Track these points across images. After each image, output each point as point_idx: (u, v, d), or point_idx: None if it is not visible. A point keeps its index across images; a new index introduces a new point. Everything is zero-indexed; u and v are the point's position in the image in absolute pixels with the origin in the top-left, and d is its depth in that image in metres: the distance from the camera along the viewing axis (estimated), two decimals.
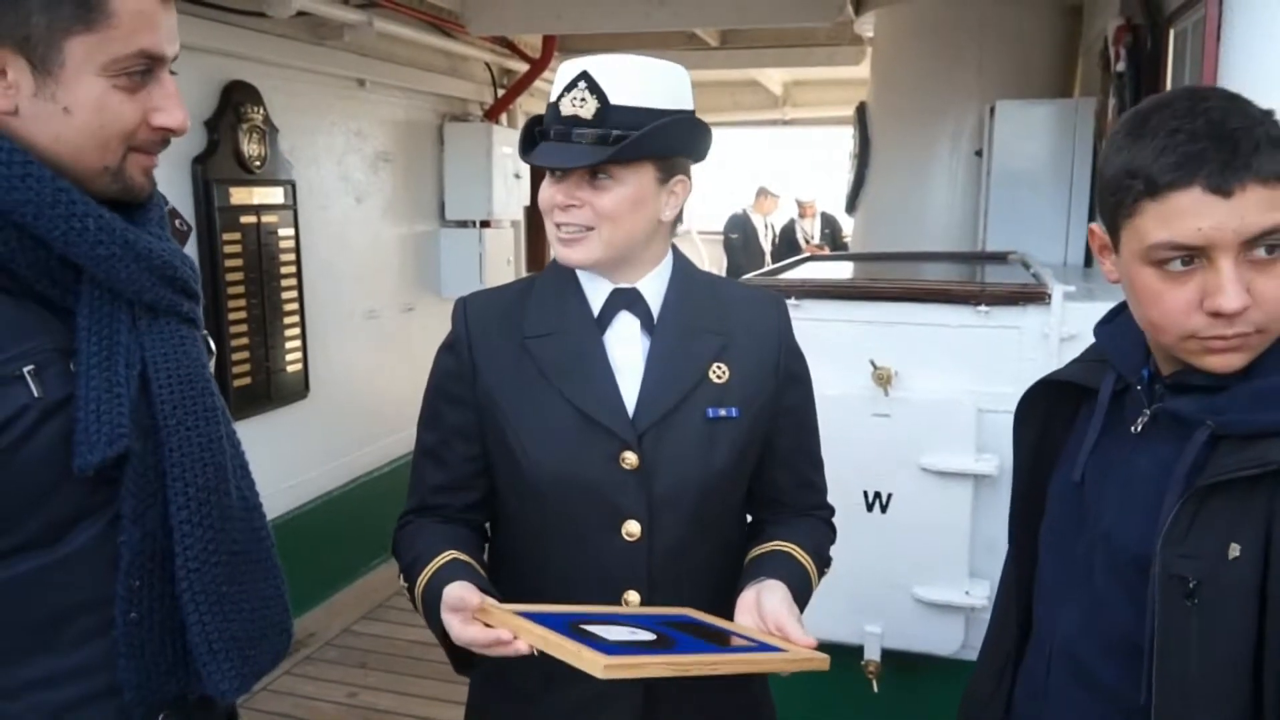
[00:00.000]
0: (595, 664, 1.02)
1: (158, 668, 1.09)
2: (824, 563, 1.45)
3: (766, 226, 8.58)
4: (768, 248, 8.48)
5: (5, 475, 0.97)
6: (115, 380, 1.02)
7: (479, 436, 1.38)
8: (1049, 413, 1.24)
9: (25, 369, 0.98)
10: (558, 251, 1.33)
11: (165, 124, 1.05)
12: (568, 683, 1.31)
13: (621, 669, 1.03)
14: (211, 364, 1.23)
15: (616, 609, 1.27)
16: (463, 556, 1.31)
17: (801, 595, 1.32)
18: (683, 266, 1.41)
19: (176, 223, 1.01)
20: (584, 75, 1.26)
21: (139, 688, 1.07)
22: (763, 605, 1.25)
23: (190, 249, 3.64)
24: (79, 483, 1.00)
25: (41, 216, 0.97)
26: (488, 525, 1.47)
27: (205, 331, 1.22)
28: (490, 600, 1.18)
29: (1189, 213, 0.95)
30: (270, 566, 1.18)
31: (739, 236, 8.48)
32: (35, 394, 0.98)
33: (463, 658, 1.30)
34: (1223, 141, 0.94)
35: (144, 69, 1.02)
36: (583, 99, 1.26)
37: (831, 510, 1.51)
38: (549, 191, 1.32)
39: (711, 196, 9.00)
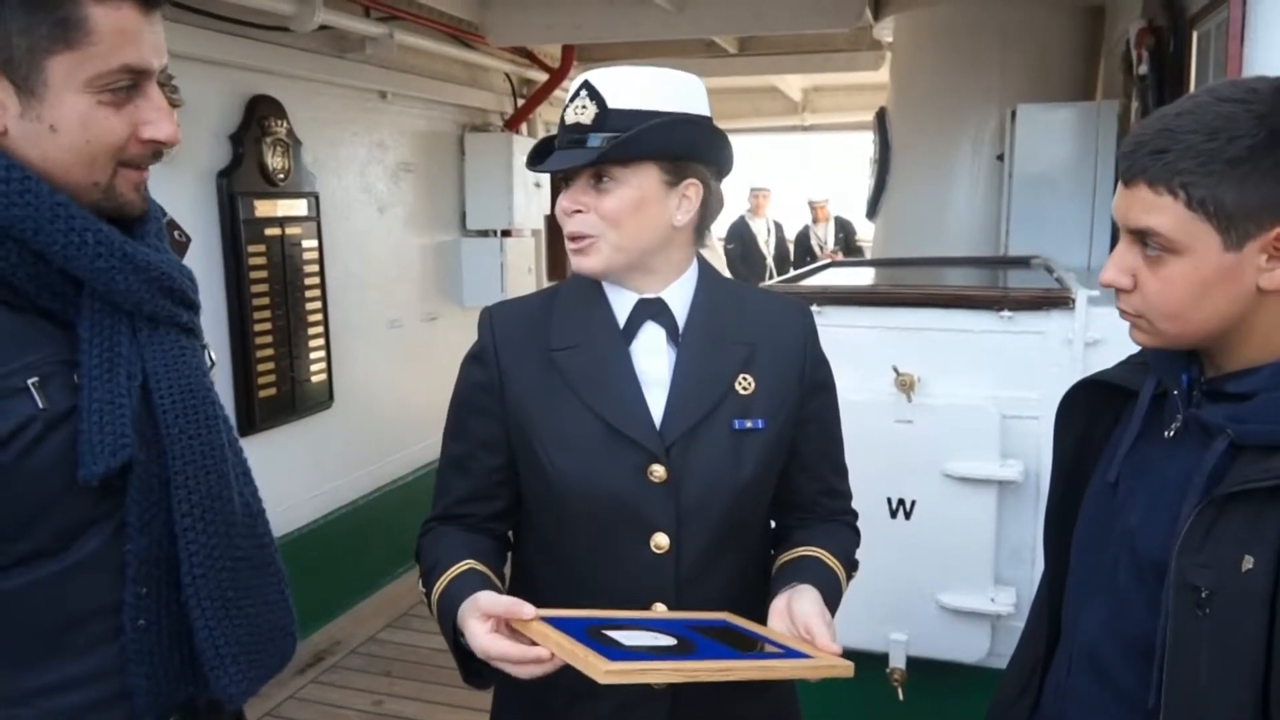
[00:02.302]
0: (597, 669, 1.02)
1: (167, 673, 1.10)
2: (852, 566, 1.45)
3: (768, 230, 8.47)
4: (769, 252, 8.37)
5: (12, 485, 0.98)
6: (117, 391, 1.03)
7: (505, 447, 1.38)
8: (1091, 414, 1.24)
9: (30, 381, 0.99)
10: (571, 261, 1.34)
11: (154, 136, 1.05)
12: (593, 698, 1.31)
13: (623, 674, 1.03)
14: (214, 374, 1.23)
15: (651, 614, 1.27)
16: (480, 566, 1.31)
17: (832, 600, 1.31)
18: (708, 275, 1.41)
19: (175, 234, 1.03)
20: (585, 84, 1.29)
21: (149, 693, 1.08)
22: (793, 609, 1.25)
23: (215, 262, 3.68)
24: (84, 492, 1.01)
25: (41, 231, 0.98)
26: (511, 534, 1.48)
27: (206, 343, 1.23)
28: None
29: (1117, 191, 1.07)
30: (274, 571, 1.19)
31: (736, 246, 8.37)
32: (40, 405, 0.99)
33: (472, 667, 1.29)
34: (1148, 138, 1.01)
35: (129, 83, 1.02)
36: (584, 105, 1.28)
37: (856, 515, 1.51)
38: (561, 201, 1.33)
39: (734, 204, 8.99)
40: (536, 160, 1.35)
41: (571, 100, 1.30)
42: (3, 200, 0.97)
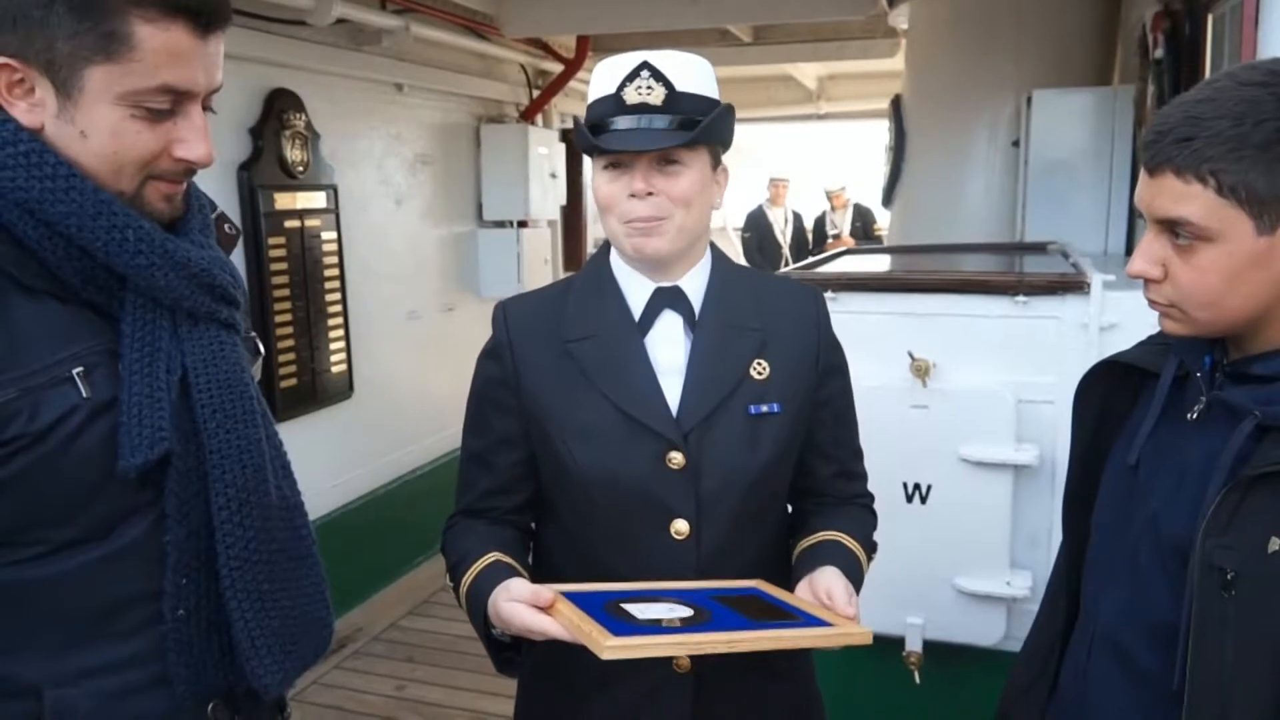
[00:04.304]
0: (599, 644, 1.04)
1: (205, 662, 1.12)
2: (871, 548, 1.46)
3: (786, 220, 8.46)
4: (785, 241, 8.36)
5: (56, 472, 1.01)
6: (156, 385, 1.05)
7: (525, 441, 1.39)
8: (1109, 394, 1.24)
9: (75, 370, 1.02)
10: (632, 244, 1.32)
11: (186, 156, 1.06)
12: (619, 680, 1.33)
13: (624, 650, 1.04)
14: (259, 365, 1.25)
15: (680, 585, 1.28)
16: (506, 558, 1.33)
17: (854, 580, 1.33)
18: (721, 262, 1.43)
19: (225, 227, 1.04)
20: (646, 65, 1.28)
21: (188, 681, 1.11)
22: (814, 583, 1.27)
23: (237, 253, 3.71)
24: (125, 481, 1.04)
25: (84, 228, 1.01)
26: (533, 524, 1.49)
27: (254, 334, 1.26)
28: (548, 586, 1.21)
29: (1140, 181, 1.06)
30: (311, 564, 1.21)
31: (753, 235, 8.36)
32: (84, 394, 1.02)
33: (506, 657, 1.32)
34: (1171, 126, 1.00)
35: (168, 101, 1.03)
36: (649, 87, 1.28)
37: (872, 497, 1.53)
38: (616, 184, 1.31)
39: (748, 193, 8.98)
40: (589, 139, 1.30)
41: (630, 80, 1.28)
42: (49, 196, 0.99)
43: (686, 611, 1.17)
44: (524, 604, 1.18)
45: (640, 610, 1.16)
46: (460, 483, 1.46)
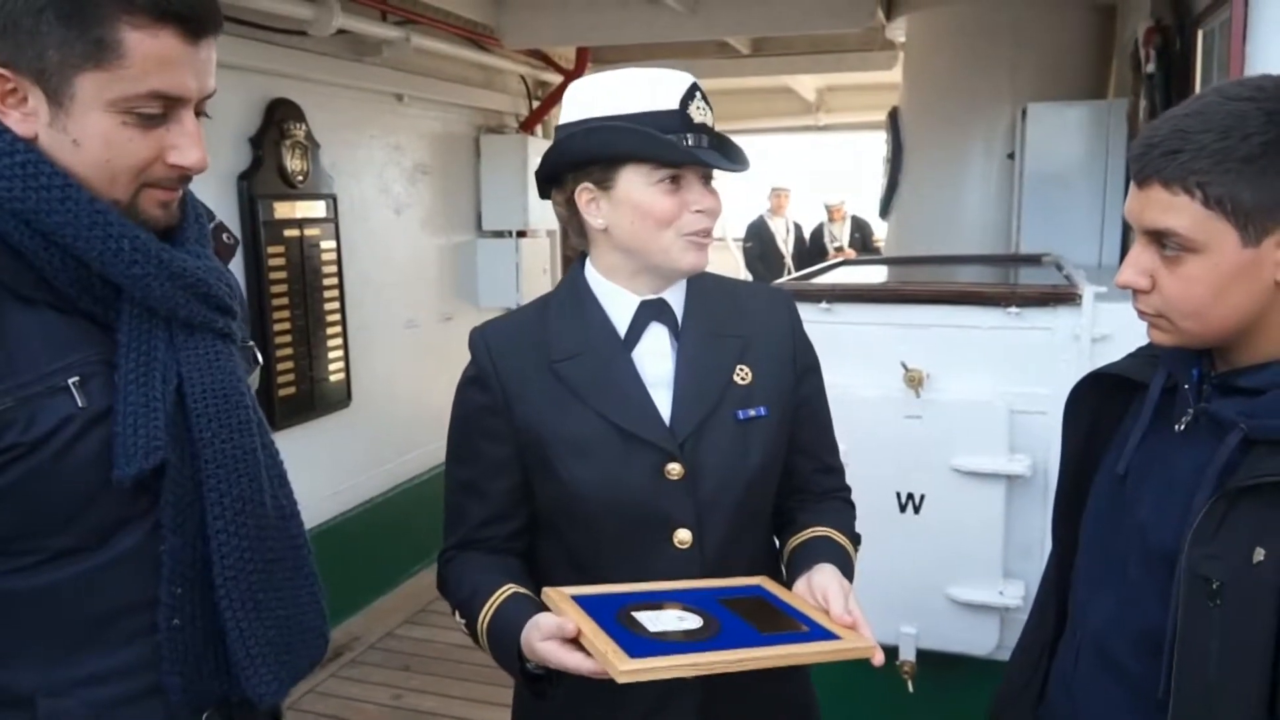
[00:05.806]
0: (614, 668, 1.05)
1: (200, 672, 1.12)
2: (856, 541, 1.47)
3: (787, 230, 8.46)
4: (788, 251, 8.36)
5: (52, 482, 1.01)
6: (152, 395, 1.05)
7: (517, 466, 1.38)
8: (1099, 405, 1.26)
9: (70, 380, 1.02)
10: (690, 259, 1.33)
11: (179, 162, 1.06)
12: (622, 692, 1.34)
13: (639, 674, 1.05)
14: (256, 374, 1.25)
15: (685, 585, 1.29)
16: (521, 589, 1.32)
17: (846, 574, 1.33)
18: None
19: (224, 236, 1.04)
20: (696, 85, 1.31)
21: (183, 690, 1.11)
22: (812, 582, 1.28)
23: (236, 262, 3.73)
24: (120, 490, 1.03)
25: (80, 238, 1.00)
26: (525, 550, 1.48)
27: (251, 343, 1.25)
28: (554, 589, 1.21)
29: (1129, 192, 1.07)
30: (307, 573, 1.20)
31: (754, 245, 8.35)
32: (80, 404, 1.02)
33: (540, 688, 1.29)
34: (1159, 139, 1.02)
35: (159, 108, 1.02)
36: (703, 108, 1.31)
37: (849, 490, 1.54)
38: (675, 198, 1.30)
39: (749, 203, 8.99)
40: (686, 151, 1.28)
41: (690, 99, 1.30)
42: (45, 206, 0.99)
43: (696, 621, 1.18)
44: (554, 641, 1.17)
45: (650, 620, 1.16)
46: (451, 515, 1.44)
